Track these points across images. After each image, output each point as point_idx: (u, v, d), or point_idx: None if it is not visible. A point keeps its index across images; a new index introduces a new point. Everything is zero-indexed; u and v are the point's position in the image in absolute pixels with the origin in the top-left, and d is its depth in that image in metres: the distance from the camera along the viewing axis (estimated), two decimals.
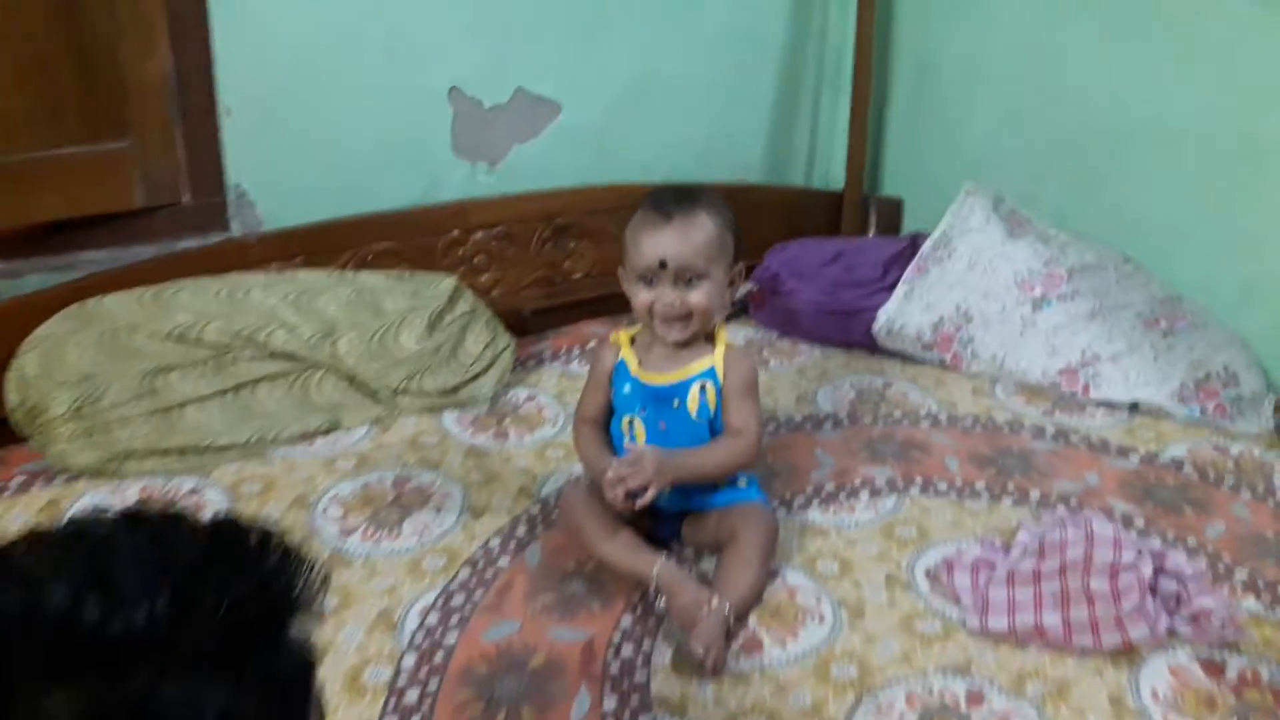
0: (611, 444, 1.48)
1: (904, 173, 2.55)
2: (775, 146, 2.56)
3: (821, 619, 1.34)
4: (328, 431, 1.74)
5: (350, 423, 1.76)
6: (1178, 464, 1.72)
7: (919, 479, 1.66)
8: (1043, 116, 2.23)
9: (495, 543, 1.48)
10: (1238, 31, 1.90)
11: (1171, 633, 1.28)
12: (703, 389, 1.43)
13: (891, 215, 2.57)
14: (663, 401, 1.43)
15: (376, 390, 1.79)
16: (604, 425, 1.50)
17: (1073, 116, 2.17)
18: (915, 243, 2.22)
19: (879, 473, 1.67)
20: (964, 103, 2.36)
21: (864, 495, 1.61)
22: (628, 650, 1.28)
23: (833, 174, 2.60)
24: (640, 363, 1.45)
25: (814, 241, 2.30)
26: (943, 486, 1.64)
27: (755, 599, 1.35)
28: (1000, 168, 2.29)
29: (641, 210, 1.42)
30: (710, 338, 1.46)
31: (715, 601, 1.28)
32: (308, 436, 1.72)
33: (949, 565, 1.41)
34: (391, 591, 1.37)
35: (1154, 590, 1.28)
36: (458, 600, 1.36)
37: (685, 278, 1.38)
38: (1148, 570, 1.26)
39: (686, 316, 1.40)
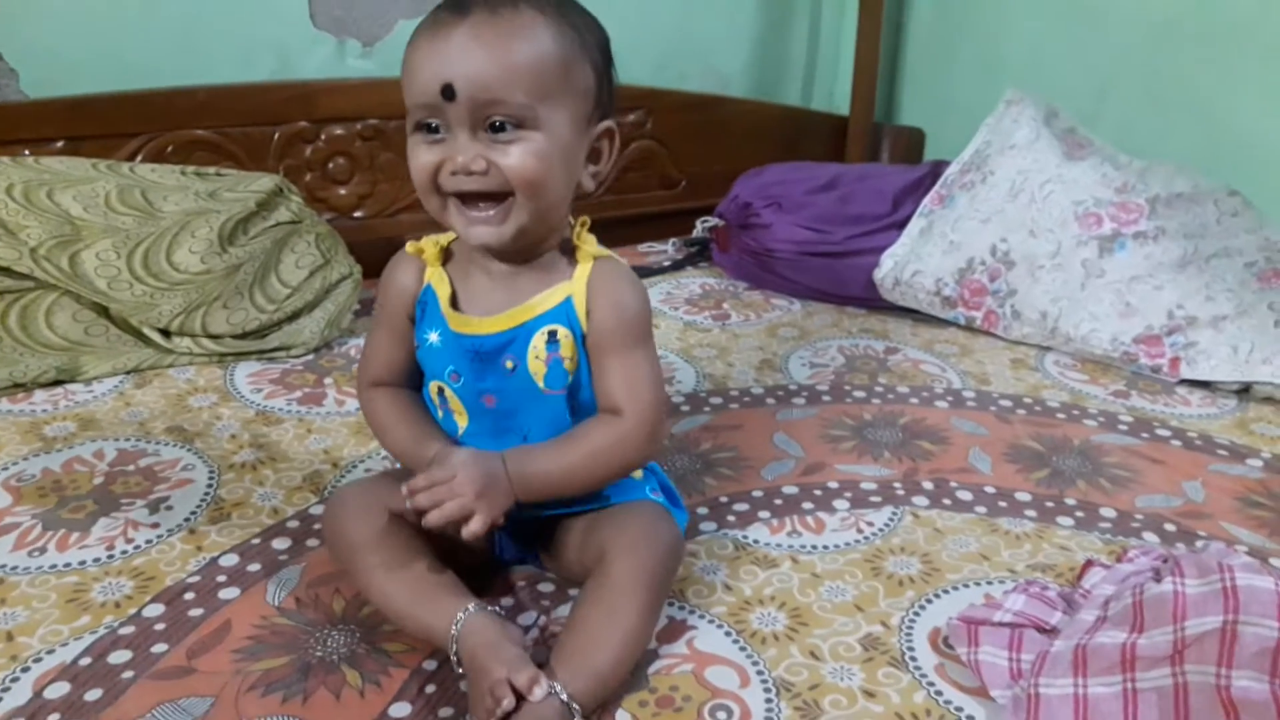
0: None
1: (927, 97, 2.01)
2: (764, 53, 2.00)
3: None
4: (56, 383, 1.18)
5: (95, 371, 1.20)
6: None
7: (928, 482, 1.08)
8: (1108, 15, 1.71)
9: (230, 561, 0.91)
10: None
11: None
12: (552, 339, 0.83)
13: (910, 149, 2.01)
14: (487, 361, 0.84)
15: (139, 328, 1.23)
16: (414, 388, 0.90)
17: (1148, 12, 1.66)
18: (937, 172, 1.65)
19: (868, 471, 1.10)
20: (1003, 3, 1.86)
21: (841, 505, 1.04)
22: None
23: (837, 94, 2.05)
24: (454, 297, 0.85)
25: (800, 166, 1.73)
26: (965, 496, 1.06)
27: (620, 677, 0.77)
28: (1050, 88, 1.70)
29: (432, 11, 0.81)
30: (568, 250, 0.86)
31: (540, 689, 0.71)
32: (19, 388, 1.16)
33: (971, 627, 0.83)
34: (10, 639, 0.81)
35: None
36: (118, 658, 0.79)
37: (492, 120, 0.77)
38: None
39: (500, 196, 0.78)
